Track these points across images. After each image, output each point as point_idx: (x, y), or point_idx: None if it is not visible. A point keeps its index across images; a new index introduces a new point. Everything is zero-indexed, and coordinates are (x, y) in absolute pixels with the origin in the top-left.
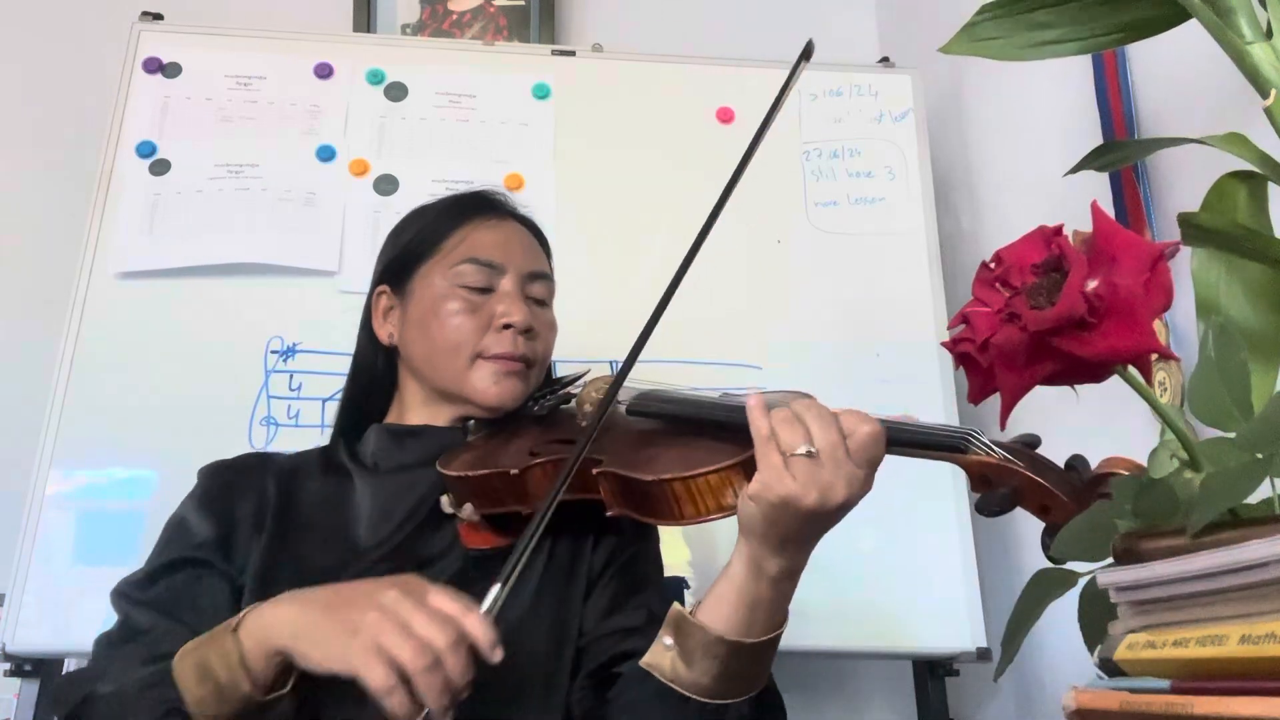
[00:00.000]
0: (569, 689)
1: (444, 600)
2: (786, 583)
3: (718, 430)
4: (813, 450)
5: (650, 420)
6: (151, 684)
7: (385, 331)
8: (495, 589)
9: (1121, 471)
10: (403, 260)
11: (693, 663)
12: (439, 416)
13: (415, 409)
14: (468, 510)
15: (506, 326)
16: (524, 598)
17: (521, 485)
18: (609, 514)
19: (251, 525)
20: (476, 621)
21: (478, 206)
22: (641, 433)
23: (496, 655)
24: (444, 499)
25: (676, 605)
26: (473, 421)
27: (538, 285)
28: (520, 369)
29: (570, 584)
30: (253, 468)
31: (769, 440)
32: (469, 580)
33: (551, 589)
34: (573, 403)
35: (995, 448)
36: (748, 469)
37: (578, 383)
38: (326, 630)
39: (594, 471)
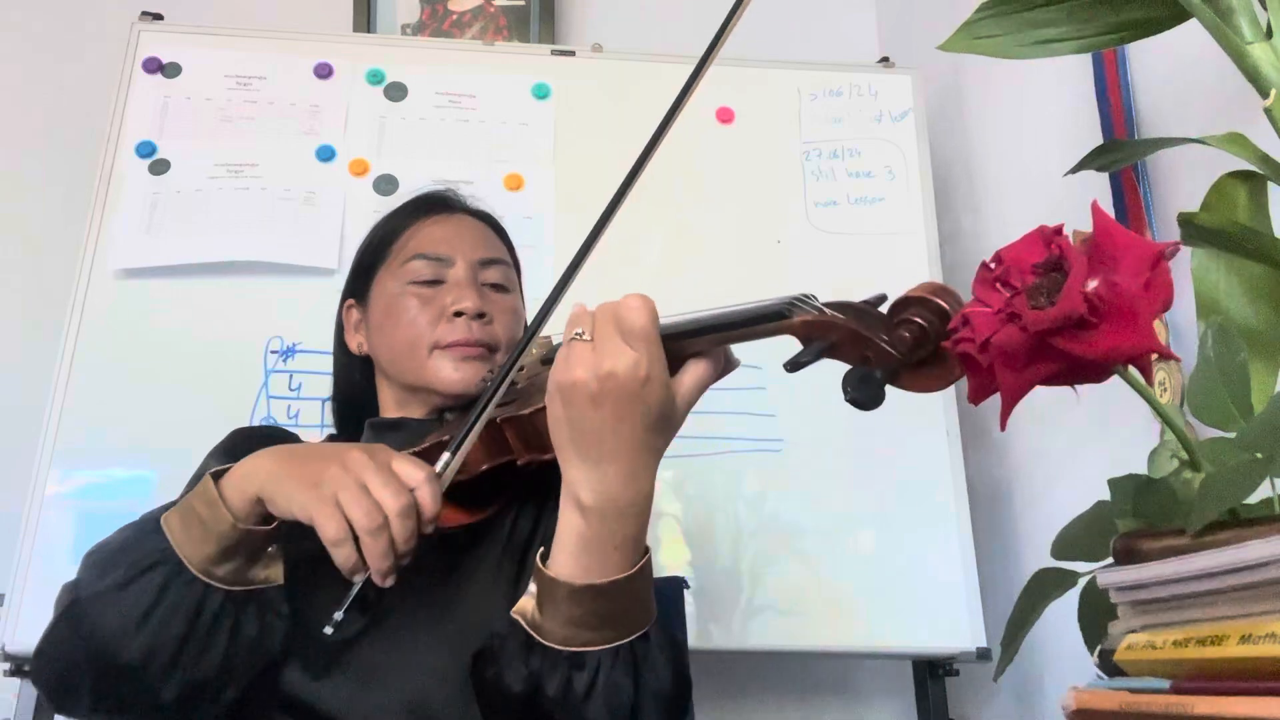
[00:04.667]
0: None
1: (404, 466)
2: (612, 518)
3: None
4: (581, 332)
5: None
6: (140, 537)
7: (355, 342)
8: (445, 456)
9: (925, 296)
10: (360, 270)
11: (543, 607)
12: (416, 413)
13: (393, 410)
14: None
15: (458, 314)
16: (485, 571)
17: (478, 446)
18: (519, 463)
19: None
20: (428, 495)
21: (424, 206)
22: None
23: (428, 529)
24: None
25: (539, 552)
26: (449, 414)
27: (492, 270)
28: (480, 353)
29: (526, 558)
30: (280, 440)
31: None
32: (431, 555)
33: (510, 563)
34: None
35: (824, 308)
36: None
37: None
38: (294, 481)
39: (498, 420)
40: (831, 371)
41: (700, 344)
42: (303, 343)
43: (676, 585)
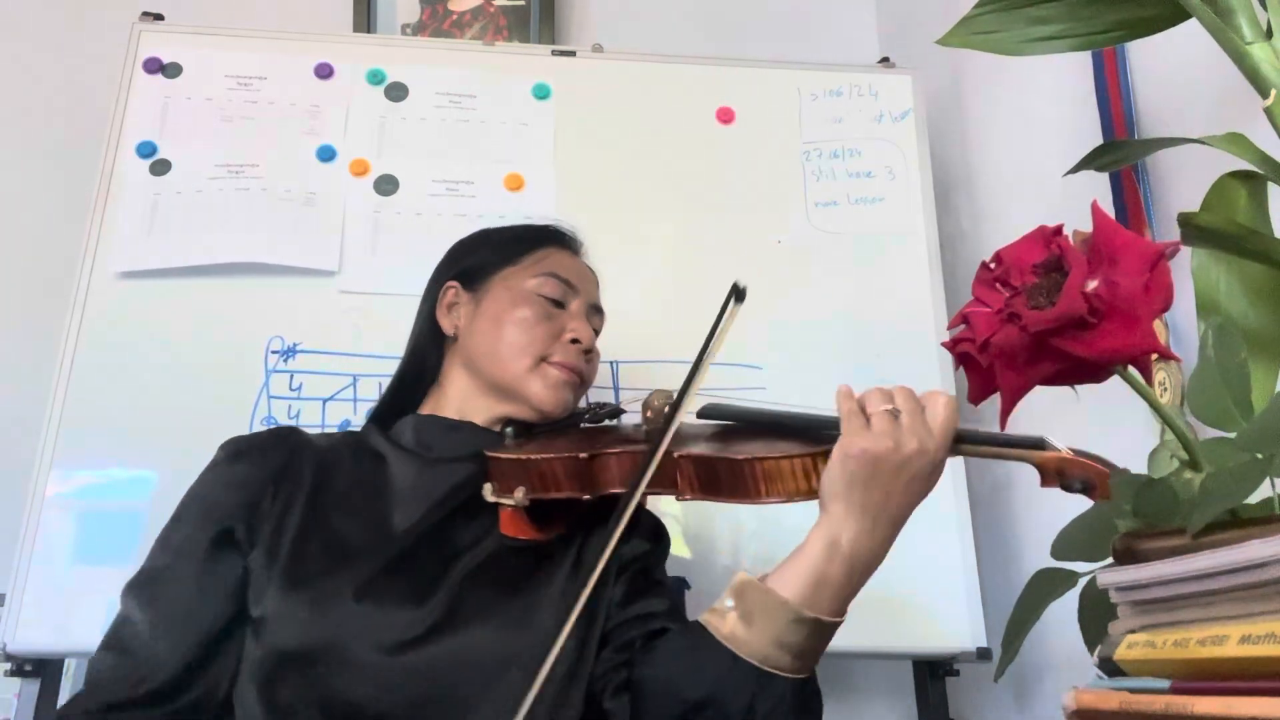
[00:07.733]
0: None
1: None
2: (855, 568)
3: (791, 430)
4: (895, 410)
5: (722, 423)
6: None
7: (450, 323)
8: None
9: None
10: (481, 264)
11: (752, 622)
12: (479, 413)
13: (456, 402)
14: (519, 495)
15: (575, 341)
16: (551, 590)
17: (589, 471)
18: (680, 499)
19: (274, 495)
20: None
21: (561, 236)
22: (714, 432)
23: None
24: (487, 486)
25: (742, 573)
26: (510, 428)
27: (597, 318)
28: (576, 382)
29: (598, 584)
30: (284, 438)
31: (855, 410)
32: (500, 568)
33: (575, 585)
34: (625, 417)
35: (1063, 447)
36: (828, 459)
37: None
38: None
39: (675, 455)
40: (832, 371)
41: (964, 449)
42: (303, 343)
43: (677, 586)
